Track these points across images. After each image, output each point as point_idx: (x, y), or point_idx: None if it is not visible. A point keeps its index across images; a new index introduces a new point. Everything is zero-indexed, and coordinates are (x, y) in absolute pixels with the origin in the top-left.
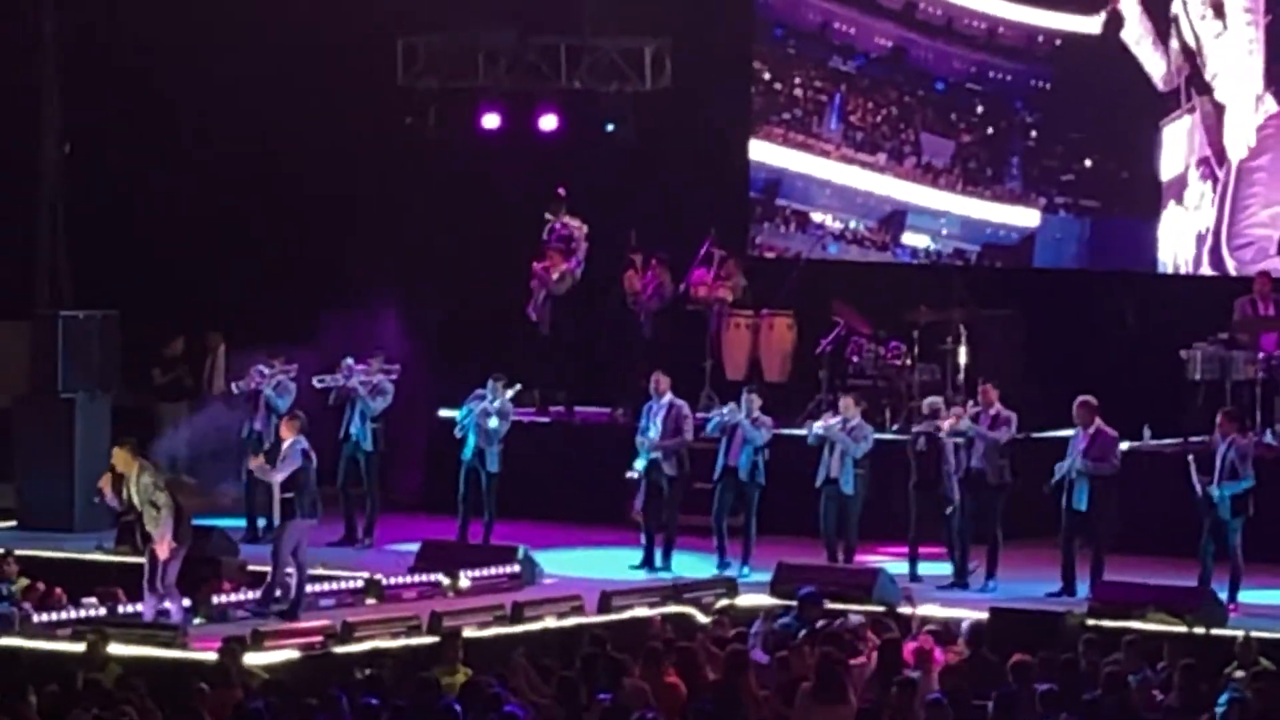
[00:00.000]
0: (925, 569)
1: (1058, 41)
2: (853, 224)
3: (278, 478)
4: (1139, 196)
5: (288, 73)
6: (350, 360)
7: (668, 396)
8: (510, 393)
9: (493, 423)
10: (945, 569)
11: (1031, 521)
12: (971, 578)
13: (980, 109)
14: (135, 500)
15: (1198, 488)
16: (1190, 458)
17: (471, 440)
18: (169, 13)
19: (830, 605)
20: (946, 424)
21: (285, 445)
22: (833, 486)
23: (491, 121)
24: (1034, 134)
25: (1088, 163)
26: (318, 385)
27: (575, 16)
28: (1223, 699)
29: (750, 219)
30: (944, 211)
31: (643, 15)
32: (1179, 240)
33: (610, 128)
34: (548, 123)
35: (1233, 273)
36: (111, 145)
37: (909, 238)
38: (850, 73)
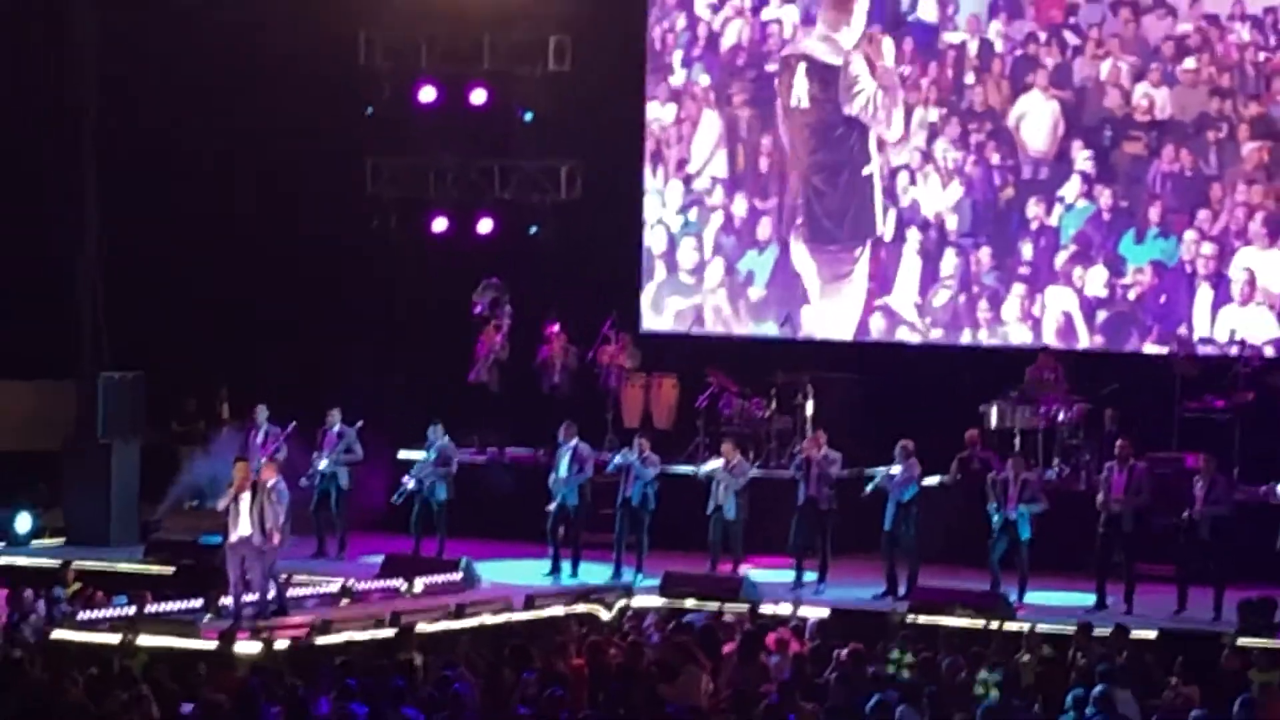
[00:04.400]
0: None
1: None
2: None
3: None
4: None
5: (282, 185)
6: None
7: (574, 440)
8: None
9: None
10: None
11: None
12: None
13: None
14: (251, 504)
15: (994, 511)
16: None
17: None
18: (198, 113)
19: (705, 606)
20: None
21: (271, 484)
22: (719, 513)
23: (440, 225)
24: None
25: None
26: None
27: (506, 142)
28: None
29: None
30: None
31: (558, 140)
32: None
33: (534, 230)
34: (485, 226)
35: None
36: (141, 231)
37: None
38: None
